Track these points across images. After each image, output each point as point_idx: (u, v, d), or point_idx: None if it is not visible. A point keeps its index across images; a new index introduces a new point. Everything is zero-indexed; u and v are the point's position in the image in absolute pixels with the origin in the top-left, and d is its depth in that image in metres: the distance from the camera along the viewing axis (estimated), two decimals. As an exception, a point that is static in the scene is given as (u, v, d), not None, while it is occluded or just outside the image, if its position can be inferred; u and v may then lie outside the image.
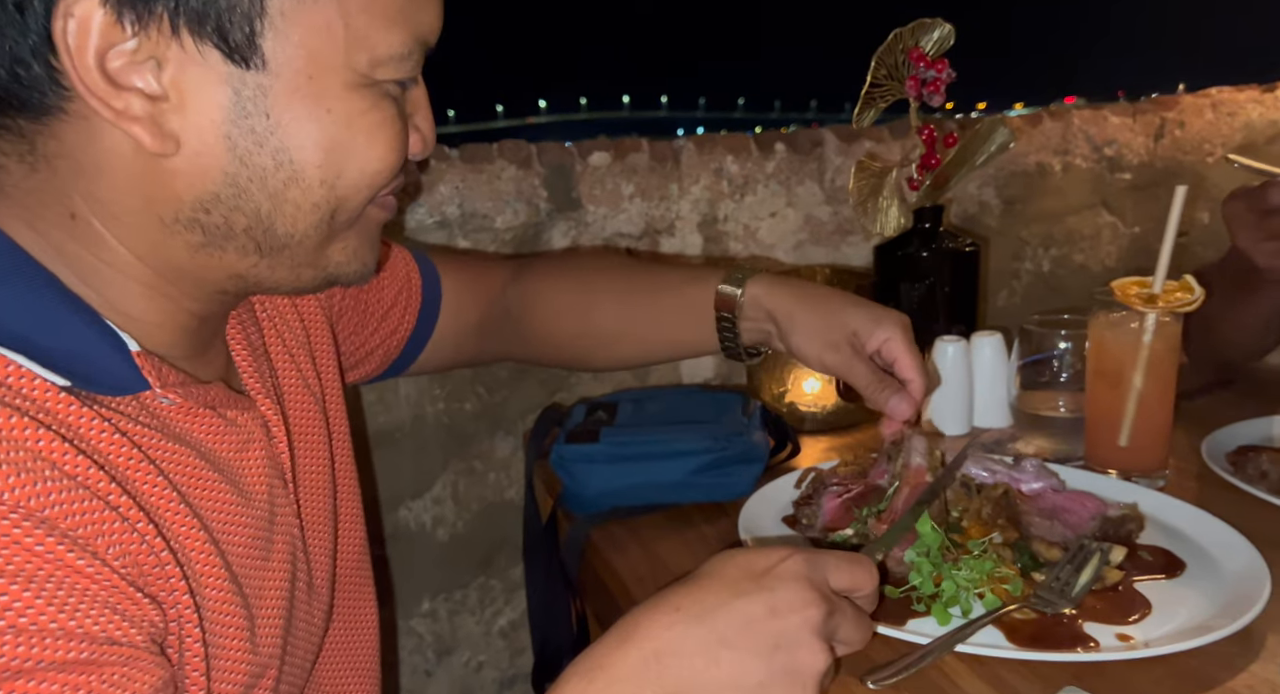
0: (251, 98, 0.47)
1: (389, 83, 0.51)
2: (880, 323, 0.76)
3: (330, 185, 0.50)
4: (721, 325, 0.79)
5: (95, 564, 0.43)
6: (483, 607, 1.32)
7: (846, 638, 0.51)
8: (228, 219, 0.49)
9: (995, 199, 1.52)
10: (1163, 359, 0.81)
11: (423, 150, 0.56)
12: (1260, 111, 1.69)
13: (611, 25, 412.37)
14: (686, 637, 0.48)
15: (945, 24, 0.98)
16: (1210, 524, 0.71)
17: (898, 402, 0.74)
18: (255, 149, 0.48)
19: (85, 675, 0.41)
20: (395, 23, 0.49)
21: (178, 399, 0.51)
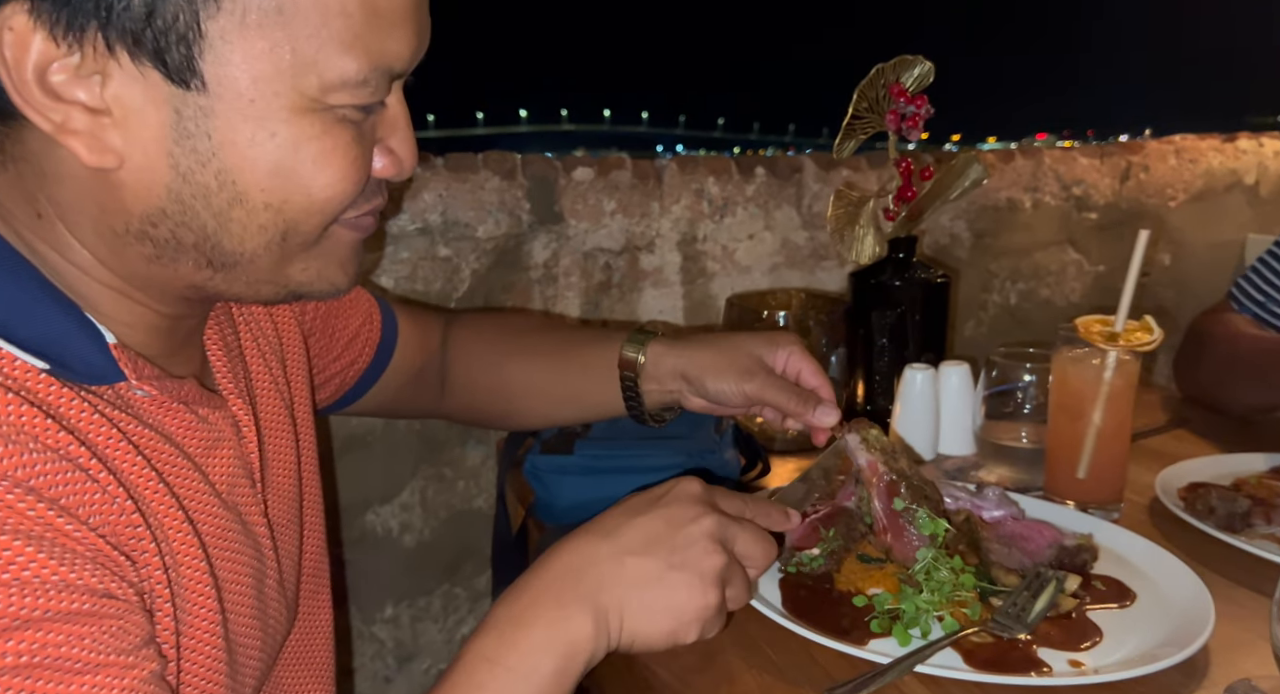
0: (193, 118, 0.47)
1: (346, 108, 0.50)
2: (777, 343, 0.82)
3: (276, 209, 0.50)
4: (625, 385, 0.83)
5: (81, 529, 0.44)
6: (446, 614, 1.32)
7: (746, 551, 0.60)
8: (175, 234, 0.50)
9: (966, 232, 1.56)
10: (1121, 395, 0.84)
11: (397, 173, 0.55)
12: (1220, 160, 1.76)
13: (596, 39, 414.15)
14: (596, 551, 0.57)
15: (926, 62, 1.01)
16: (1160, 557, 0.74)
17: (823, 411, 0.79)
18: (198, 168, 0.48)
19: (87, 626, 0.42)
20: (350, 49, 0.48)
21: (153, 392, 0.52)
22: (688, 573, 0.57)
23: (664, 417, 0.87)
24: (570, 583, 0.55)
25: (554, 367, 0.87)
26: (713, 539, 0.58)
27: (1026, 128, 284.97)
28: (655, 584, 0.56)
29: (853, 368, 1.09)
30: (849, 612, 0.67)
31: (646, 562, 0.57)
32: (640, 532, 0.58)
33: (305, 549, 0.70)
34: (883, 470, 0.73)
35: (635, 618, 0.56)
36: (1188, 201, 1.74)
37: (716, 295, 1.38)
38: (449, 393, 0.91)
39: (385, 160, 0.54)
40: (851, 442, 0.76)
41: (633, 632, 0.56)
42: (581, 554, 0.57)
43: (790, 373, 0.82)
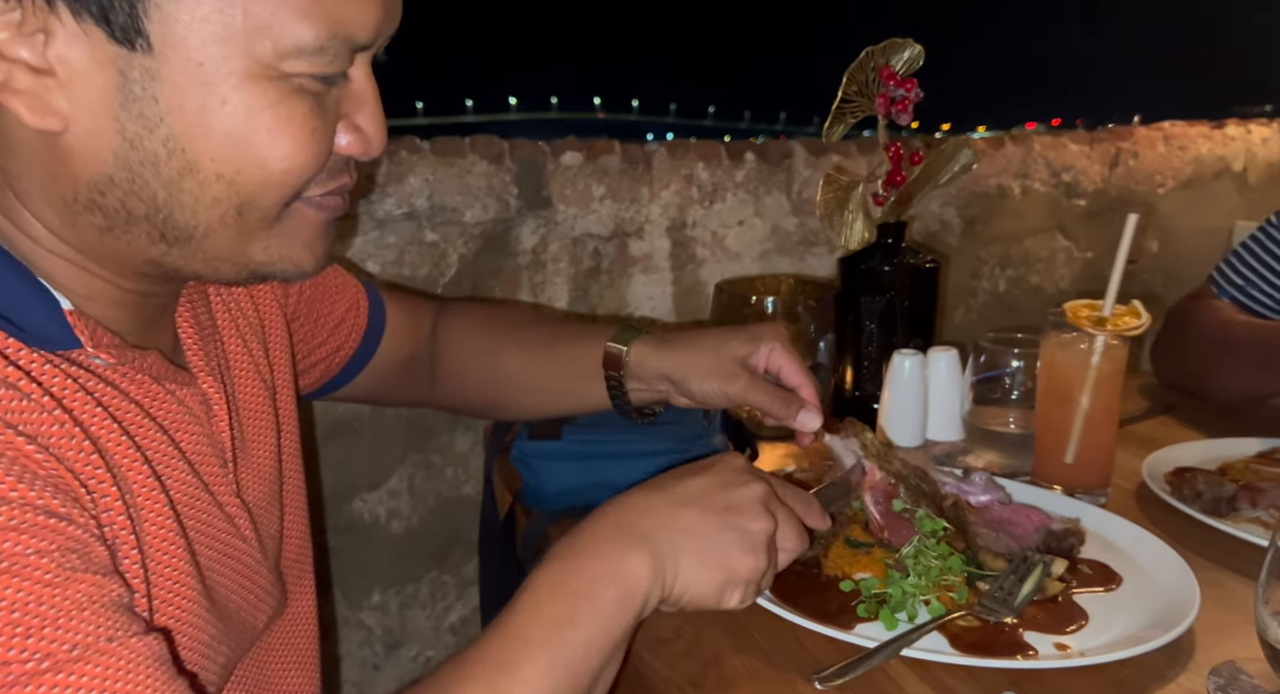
0: (139, 81, 0.45)
1: (304, 77, 0.48)
2: (760, 339, 0.80)
3: (229, 181, 0.48)
4: (610, 383, 0.82)
5: (42, 453, 0.44)
6: (434, 601, 1.32)
7: (783, 533, 0.61)
8: (124, 203, 0.48)
9: (956, 218, 1.56)
10: (1109, 380, 0.84)
11: (364, 152, 0.53)
12: (1209, 147, 1.76)
13: (586, 27, 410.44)
14: (650, 502, 0.59)
15: (915, 44, 1.00)
16: (1147, 541, 0.74)
17: (805, 415, 0.78)
18: (146, 134, 0.46)
19: (48, 543, 0.41)
20: (308, 14, 0.46)
21: (110, 360, 0.51)
22: (739, 532, 0.58)
23: (653, 410, 0.87)
24: (629, 527, 0.57)
25: (543, 361, 0.87)
26: (763, 505, 0.60)
27: (1016, 117, 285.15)
28: (709, 538, 0.57)
29: (842, 353, 1.08)
30: (836, 596, 0.67)
31: (701, 515, 0.58)
32: (695, 488, 0.60)
33: (286, 533, 0.69)
34: (879, 477, 0.73)
35: (689, 569, 0.57)
36: (1176, 188, 1.75)
37: (706, 281, 1.38)
38: (438, 381, 0.90)
39: (351, 137, 0.53)
40: (835, 444, 0.76)
41: (686, 582, 0.57)
42: (638, 505, 0.58)
43: (772, 370, 0.81)
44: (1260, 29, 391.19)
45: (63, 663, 0.40)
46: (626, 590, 0.54)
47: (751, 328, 0.83)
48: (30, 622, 0.39)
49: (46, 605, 0.40)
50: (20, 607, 0.39)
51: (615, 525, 0.57)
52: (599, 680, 0.53)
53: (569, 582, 0.53)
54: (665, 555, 0.56)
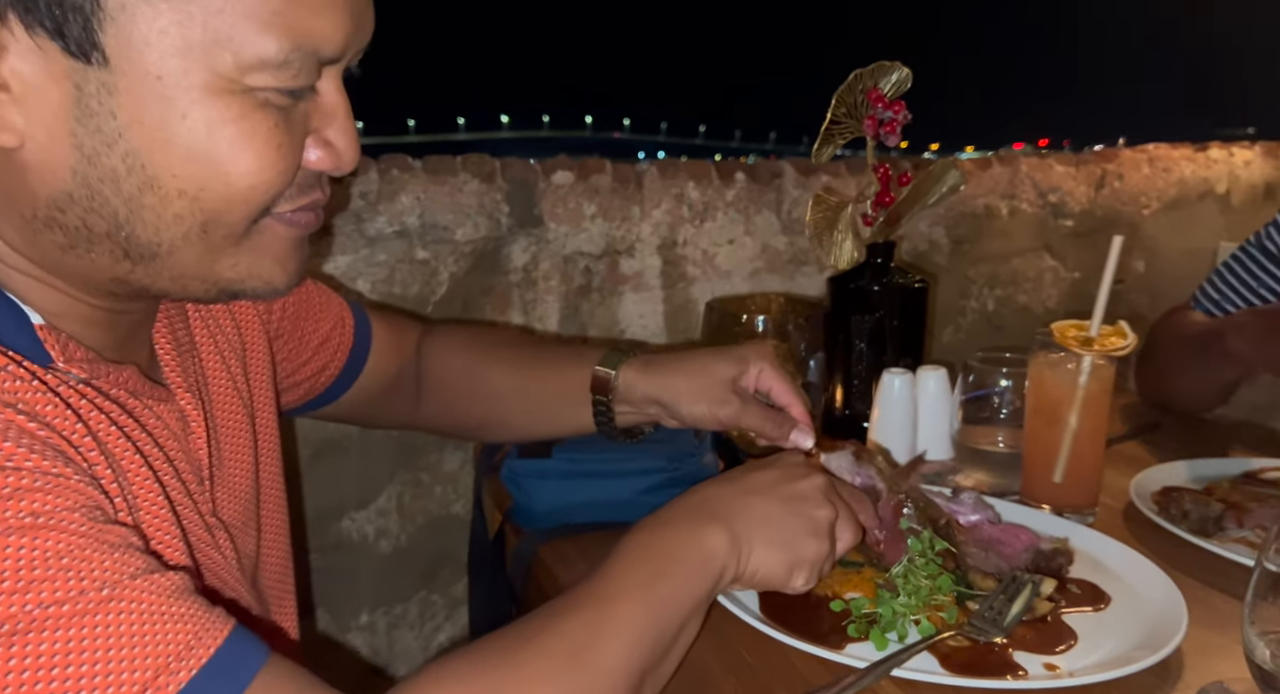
0: (95, 95, 0.45)
1: (269, 91, 0.47)
2: (748, 361, 0.81)
3: (192, 197, 0.47)
4: (597, 407, 0.82)
5: (37, 423, 0.45)
6: (423, 621, 1.31)
7: (841, 528, 0.65)
8: (85, 221, 0.47)
9: (945, 238, 1.58)
10: (1096, 400, 0.84)
11: (335, 167, 0.52)
12: (1192, 169, 1.78)
13: (578, 46, 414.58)
14: (723, 491, 0.63)
15: (903, 67, 1.02)
16: (1135, 560, 0.74)
17: (798, 435, 0.80)
18: (104, 150, 0.46)
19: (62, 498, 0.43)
20: (270, 26, 0.45)
21: (83, 375, 0.50)
22: (804, 518, 0.62)
23: (641, 431, 0.87)
24: (706, 509, 0.61)
25: (529, 383, 0.86)
26: (825, 495, 0.64)
27: (1003, 138, 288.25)
28: (777, 522, 0.62)
29: (832, 372, 1.09)
30: (826, 616, 0.67)
31: (769, 502, 0.62)
32: (764, 480, 0.64)
33: (265, 554, 0.69)
34: (887, 496, 0.73)
35: (761, 548, 0.60)
36: (1161, 210, 1.77)
37: (696, 300, 1.38)
38: (423, 402, 0.90)
39: (321, 152, 0.52)
40: (831, 463, 0.76)
41: (759, 561, 0.60)
42: (712, 494, 0.63)
43: (762, 390, 0.82)
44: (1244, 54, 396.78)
45: (120, 586, 0.42)
46: (707, 558, 0.58)
47: (739, 348, 0.83)
48: (78, 565, 0.41)
49: (90, 549, 0.42)
50: (67, 553, 0.41)
51: (693, 509, 0.61)
52: (680, 638, 0.56)
53: (656, 546, 0.58)
54: (741, 535, 0.60)
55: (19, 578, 0.39)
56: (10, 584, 0.39)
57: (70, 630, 0.40)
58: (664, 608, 0.55)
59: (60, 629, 0.39)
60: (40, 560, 0.40)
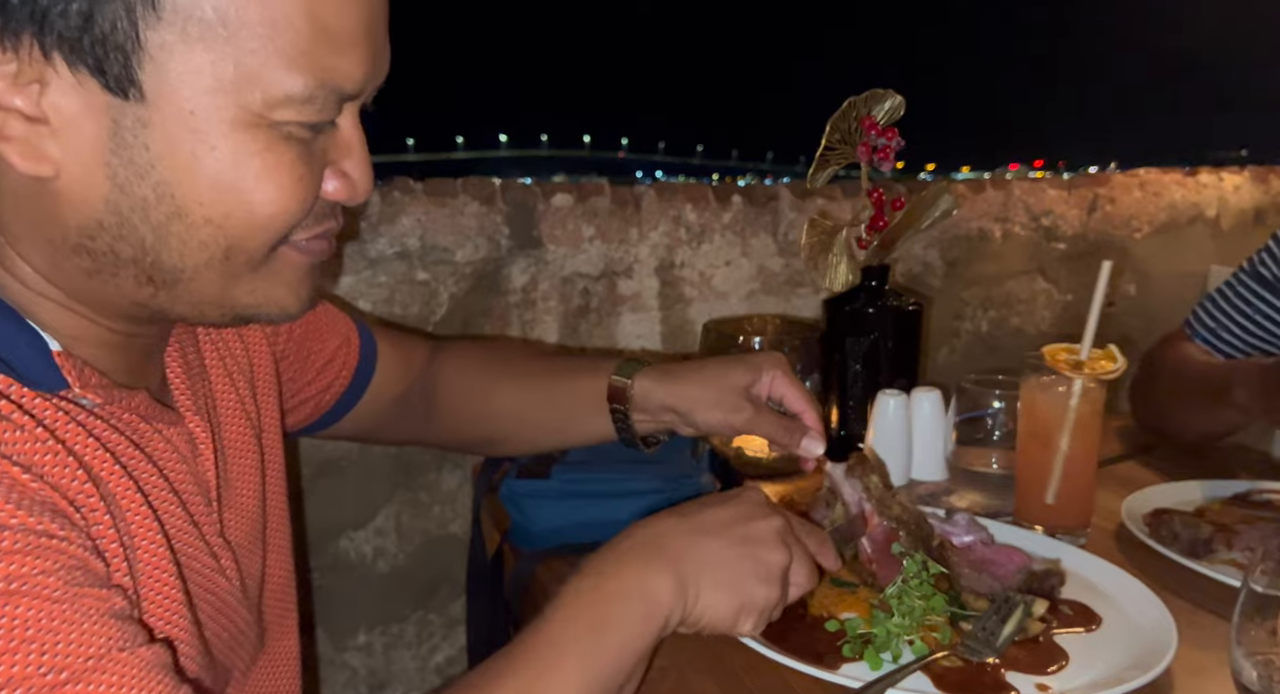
0: (131, 129, 0.46)
1: (292, 125, 0.49)
2: (761, 369, 0.83)
3: (217, 225, 0.49)
4: (615, 416, 0.84)
5: (36, 481, 0.45)
6: (420, 641, 1.31)
7: (796, 568, 0.63)
8: (113, 247, 0.49)
9: (939, 261, 1.59)
10: (1087, 422, 0.86)
11: (350, 197, 0.54)
12: (1182, 193, 1.81)
13: (577, 65, 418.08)
14: (674, 529, 0.61)
15: (896, 95, 1.04)
16: (1126, 582, 0.75)
17: (808, 443, 0.81)
18: (136, 180, 0.47)
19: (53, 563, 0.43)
20: (296, 65, 0.47)
21: (98, 401, 0.51)
22: (756, 562, 0.61)
23: (657, 438, 0.88)
24: (654, 549, 0.59)
25: (542, 395, 0.88)
26: (780, 539, 0.62)
27: (1000, 158, 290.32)
28: (728, 565, 0.60)
29: (827, 393, 1.10)
30: (822, 636, 0.67)
31: (721, 543, 0.61)
32: (718, 518, 0.62)
33: (269, 573, 0.69)
34: (878, 521, 0.74)
35: (709, 591, 0.59)
36: (1152, 233, 1.79)
37: (694, 320, 1.39)
38: (434, 419, 0.90)
39: (338, 183, 0.54)
40: (836, 472, 0.77)
41: (705, 605, 0.59)
42: (663, 531, 0.61)
43: (775, 397, 0.83)
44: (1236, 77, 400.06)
45: (80, 673, 0.41)
46: (651, 605, 0.57)
47: (753, 357, 0.85)
48: (45, 637, 0.41)
49: (59, 621, 0.41)
50: (34, 624, 0.41)
51: (641, 547, 0.60)
52: (625, 687, 0.56)
53: (598, 593, 0.57)
54: (688, 578, 0.58)
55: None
56: None
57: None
58: (606, 661, 0.54)
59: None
60: (6, 631, 0.40)
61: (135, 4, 0.44)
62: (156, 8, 0.45)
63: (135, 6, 0.44)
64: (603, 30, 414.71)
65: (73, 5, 0.44)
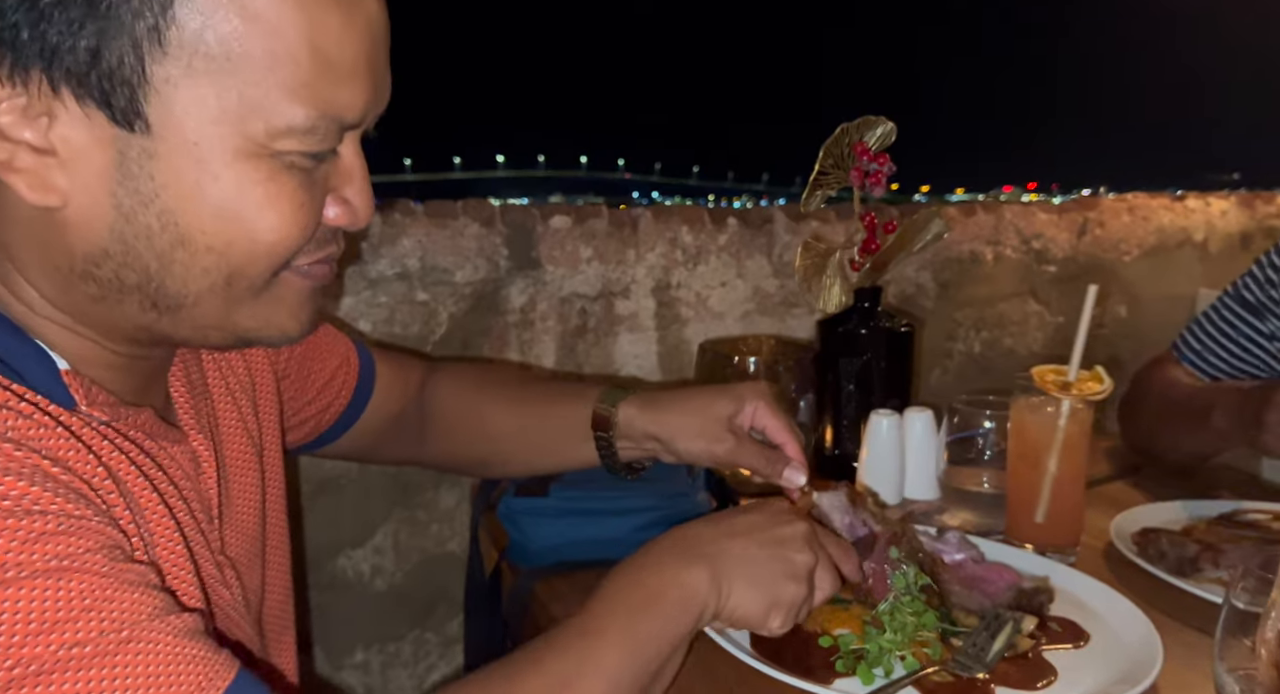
0: (136, 160, 0.47)
1: (294, 154, 0.50)
2: (744, 399, 0.84)
3: (220, 252, 0.50)
4: (599, 443, 0.86)
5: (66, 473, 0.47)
6: (416, 660, 1.31)
7: (820, 573, 0.66)
8: (118, 274, 0.50)
9: (932, 282, 1.62)
10: (1075, 442, 0.87)
11: (351, 223, 0.55)
12: (1170, 218, 1.84)
13: (574, 86, 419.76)
14: (707, 531, 0.65)
15: (888, 122, 1.06)
16: (1113, 599, 0.76)
17: (790, 473, 0.82)
18: (140, 209, 0.48)
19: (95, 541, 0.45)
20: (298, 96, 0.48)
21: (105, 418, 0.53)
22: (784, 562, 0.64)
23: (642, 465, 0.89)
24: (688, 547, 0.63)
25: (531, 420, 0.89)
26: (807, 542, 0.66)
27: (993, 180, 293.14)
28: (759, 563, 0.63)
29: (821, 413, 1.12)
30: (816, 652, 0.68)
31: (750, 544, 0.64)
32: (747, 523, 0.66)
33: (268, 589, 0.70)
34: (880, 528, 0.75)
35: (740, 587, 0.62)
36: (1141, 256, 1.82)
37: (690, 340, 1.41)
38: (428, 439, 0.92)
39: (339, 209, 0.55)
40: (823, 501, 0.78)
41: (738, 601, 0.62)
42: (696, 534, 0.65)
43: (757, 428, 0.85)
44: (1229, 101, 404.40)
45: (138, 626, 0.44)
46: (688, 596, 0.60)
47: (736, 387, 0.86)
48: (101, 607, 0.43)
49: (110, 590, 0.44)
50: (89, 594, 0.43)
51: (676, 546, 0.63)
52: (661, 674, 0.59)
53: (638, 583, 0.60)
54: (722, 574, 0.61)
55: (44, 620, 0.41)
56: (36, 626, 0.41)
57: (92, 670, 0.42)
58: (646, 645, 0.57)
59: (83, 669, 0.42)
60: (64, 603, 0.42)
61: (142, 40, 0.46)
62: (162, 43, 0.46)
63: (142, 42, 0.46)
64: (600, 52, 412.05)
65: (81, 42, 0.45)
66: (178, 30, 0.46)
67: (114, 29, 0.45)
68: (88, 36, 0.45)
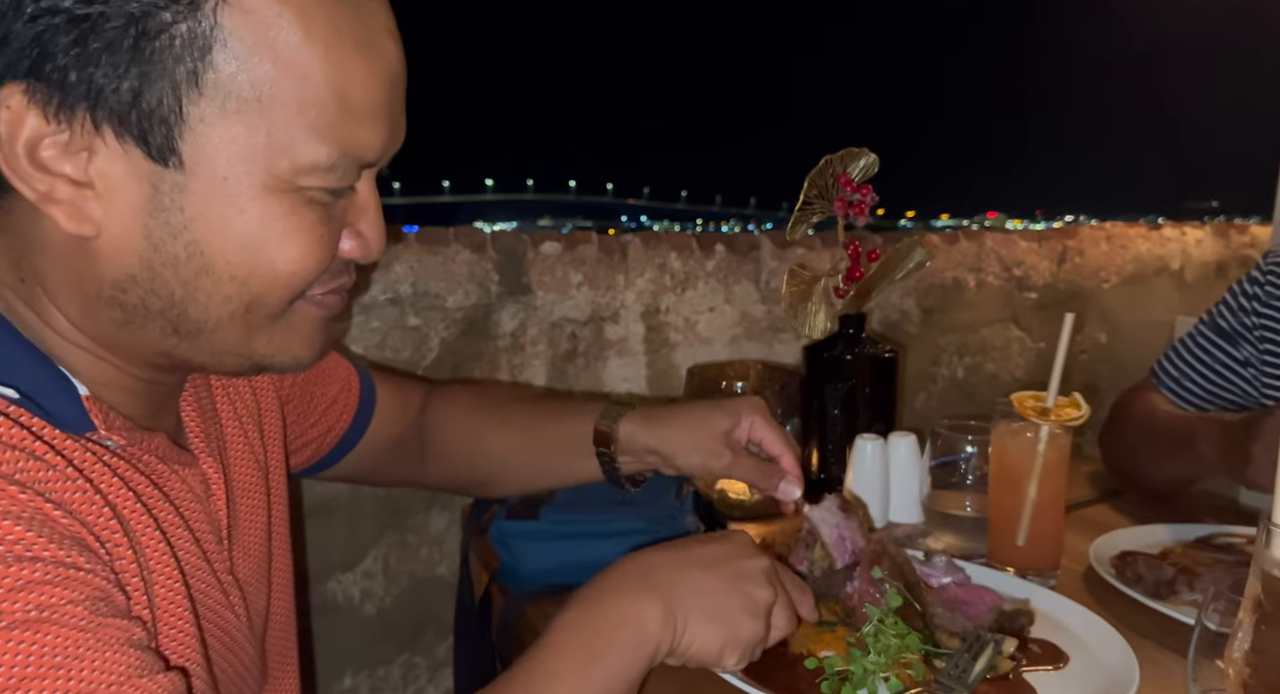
0: (169, 193, 0.50)
1: (315, 190, 0.52)
2: (740, 414, 0.86)
3: (241, 281, 0.52)
4: (601, 458, 0.88)
5: (67, 517, 0.48)
6: (405, 684, 1.31)
7: (777, 616, 0.65)
8: (144, 300, 0.52)
9: (916, 309, 1.65)
10: (1055, 467, 0.89)
11: (364, 256, 0.58)
12: (1147, 246, 1.88)
13: (562, 111, 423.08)
14: (664, 561, 0.64)
15: (870, 154, 1.10)
16: (1092, 621, 0.78)
17: (786, 486, 0.84)
18: (170, 239, 0.50)
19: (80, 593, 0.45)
20: (323, 137, 0.51)
21: (122, 442, 0.54)
22: (744, 596, 0.63)
23: (644, 476, 0.92)
24: (645, 579, 0.62)
25: (533, 439, 0.91)
26: (767, 578, 0.65)
27: (978, 207, 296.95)
28: (716, 596, 0.62)
29: (807, 437, 1.13)
30: (801, 673, 0.69)
31: (710, 576, 0.63)
32: (708, 554, 0.65)
33: (273, 610, 0.71)
34: (862, 543, 0.77)
35: (696, 622, 0.61)
36: (1120, 284, 1.85)
37: (679, 365, 1.43)
38: (429, 460, 0.93)
39: (353, 242, 0.57)
40: (814, 515, 0.80)
41: (693, 636, 0.61)
42: (655, 562, 0.64)
43: (754, 441, 0.87)
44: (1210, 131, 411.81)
45: (110, 688, 0.44)
46: (640, 634, 0.59)
47: (733, 401, 0.89)
48: (70, 664, 0.43)
49: (84, 648, 0.44)
50: (61, 651, 0.43)
51: (630, 578, 0.62)
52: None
53: (589, 623, 0.59)
54: (676, 608, 0.61)
55: (12, 675, 0.42)
56: (2, 682, 0.41)
57: None
58: (598, 689, 0.57)
59: None
60: (35, 659, 0.42)
61: (181, 82, 0.48)
62: (199, 85, 0.48)
63: (180, 84, 0.48)
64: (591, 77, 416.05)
65: (125, 84, 0.48)
66: (214, 73, 0.48)
67: (156, 73, 0.48)
68: (131, 79, 0.48)
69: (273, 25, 0.49)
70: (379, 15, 0.54)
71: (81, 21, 0.47)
